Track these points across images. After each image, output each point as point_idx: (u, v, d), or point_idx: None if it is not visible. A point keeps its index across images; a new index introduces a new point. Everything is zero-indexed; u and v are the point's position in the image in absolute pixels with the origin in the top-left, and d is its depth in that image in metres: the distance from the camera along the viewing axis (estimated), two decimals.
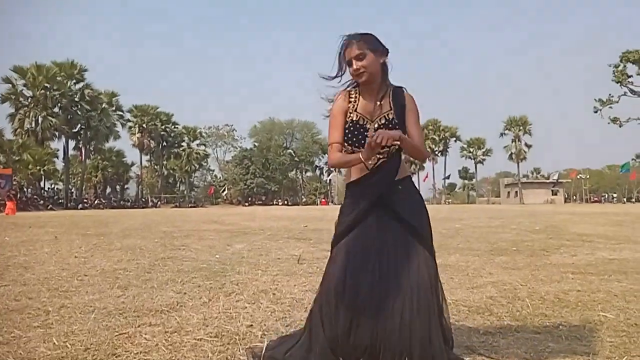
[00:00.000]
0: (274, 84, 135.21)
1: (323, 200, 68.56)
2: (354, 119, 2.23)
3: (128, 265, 5.82)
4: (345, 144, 2.24)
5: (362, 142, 2.19)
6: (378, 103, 2.24)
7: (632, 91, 36.21)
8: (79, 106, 47.91)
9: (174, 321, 3.25)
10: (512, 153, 65.85)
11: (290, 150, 70.89)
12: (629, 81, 36.02)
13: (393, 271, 2.08)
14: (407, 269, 2.08)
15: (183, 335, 2.92)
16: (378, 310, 2.03)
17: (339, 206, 2.37)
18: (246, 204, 62.05)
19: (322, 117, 2.41)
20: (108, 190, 63.96)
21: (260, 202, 64.99)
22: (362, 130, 2.20)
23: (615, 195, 72.84)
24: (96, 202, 51.23)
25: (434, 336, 2.06)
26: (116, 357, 2.57)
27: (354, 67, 2.20)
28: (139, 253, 7.06)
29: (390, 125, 2.20)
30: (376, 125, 2.21)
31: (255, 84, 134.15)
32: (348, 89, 2.32)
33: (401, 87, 2.33)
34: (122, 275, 5.12)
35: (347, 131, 2.23)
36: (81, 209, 42.96)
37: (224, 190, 67.90)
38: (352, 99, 2.27)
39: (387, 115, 2.23)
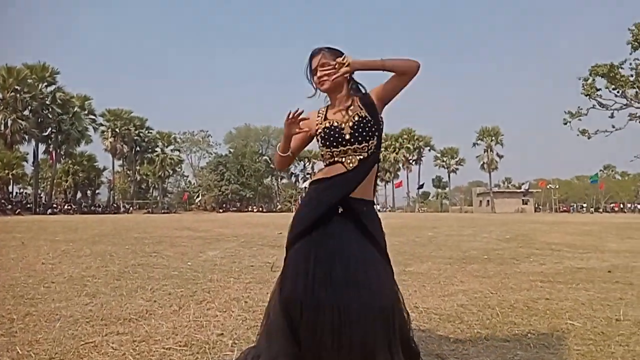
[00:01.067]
0: (249, 90, 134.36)
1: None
2: (327, 125, 2.23)
3: (97, 272, 5.71)
4: (325, 149, 2.23)
5: (340, 140, 2.19)
6: (344, 112, 2.25)
7: (600, 104, 37.13)
8: (50, 109, 46.80)
9: (142, 330, 3.19)
10: (484, 163, 66.87)
11: (266, 157, 70.55)
12: (597, 94, 36.90)
13: (354, 281, 2.01)
14: (370, 278, 2.03)
15: (151, 344, 2.87)
16: (338, 324, 1.95)
17: None
18: (220, 210, 61.48)
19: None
20: (78, 195, 62.53)
21: (235, 208, 64.48)
22: (337, 130, 2.20)
23: (584, 205, 74.44)
24: (66, 207, 50.07)
25: (393, 350, 2.01)
26: None
27: (318, 74, 2.24)
28: (108, 260, 6.93)
29: (364, 121, 2.20)
30: (350, 124, 2.20)
31: (231, 91, 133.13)
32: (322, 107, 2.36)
33: (357, 86, 2.34)
34: (90, 283, 5.01)
35: (324, 135, 2.22)
36: (50, 214, 41.87)
37: (198, 196, 67.15)
38: (321, 114, 2.31)
39: (359, 113, 2.23)
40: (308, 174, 70.40)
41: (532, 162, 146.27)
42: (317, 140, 2.31)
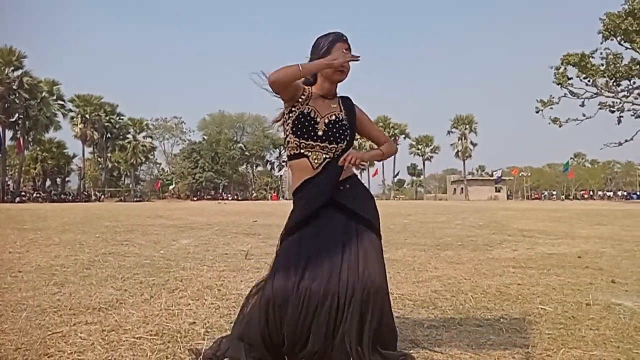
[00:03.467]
0: (225, 76, 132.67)
1: (274, 195, 68.08)
2: (305, 111, 2.19)
3: (66, 261, 5.58)
4: (292, 136, 2.19)
5: (312, 134, 2.16)
6: (331, 105, 2.25)
7: (572, 93, 37.87)
8: (17, 94, 45.46)
9: (112, 319, 3.12)
10: (458, 151, 67.70)
11: (240, 144, 69.97)
12: (569, 83, 37.62)
13: (347, 268, 2.00)
14: (361, 266, 2.02)
15: (121, 334, 2.81)
16: (329, 313, 1.95)
17: (291, 201, 2.31)
18: (195, 198, 60.95)
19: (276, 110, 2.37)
20: (48, 183, 61.21)
21: (210, 196, 63.97)
22: (312, 122, 2.17)
23: (554, 192, 76.01)
24: (35, 195, 48.95)
25: (387, 337, 2.02)
26: (48, 357, 2.45)
27: (343, 61, 2.17)
28: (78, 248, 6.79)
29: (340, 123, 2.20)
30: (326, 120, 2.19)
31: (205, 77, 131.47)
32: (310, 85, 2.29)
33: (348, 97, 2.36)
34: (59, 272, 4.90)
35: (296, 122, 2.17)
36: (18, 202, 40.92)
37: (172, 184, 66.34)
38: (305, 94, 2.24)
39: (338, 114, 2.23)
40: (283, 161, 70.19)
41: (505, 150, 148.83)
42: (286, 122, 2.24)
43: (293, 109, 2.22)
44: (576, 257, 6.35)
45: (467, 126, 67.39)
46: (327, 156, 2.19)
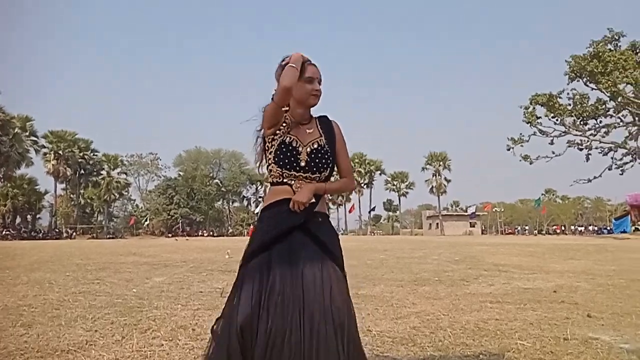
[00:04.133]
0: (199, 112, 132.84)
1: (252, 228, 67.32)
2: (286, 140, 2.14)
3: (34, 301, 5.39)
4: (275, 166, 2.15)
5: (294, 164, 2.12)
6: (308, 131, 2.21)
7: (541, 131, 38.92)
8: None
9: None
10: (432, 187, 68.52)
11: (216, 180, 69.62)
12: (538, 122, 38.67)
13: (313, 301, 1.95)
14: (326, 299, 1.97)
15: None
16: (296, 350, 1.88)
17: None
18: (169, 235, 59.93)
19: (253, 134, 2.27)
20: (18, 220, 59.65)
21: (185, 233, 63.02)
22: (294, 152, 2.13)
23: (527, 227, 77.05)
24: (4, 232, 47.62)
25: None
26: None
27: (317, 87, 2.17)
28: (47, 287, 6.57)
29: (322, 152, 2.17)
30: (308, 150, 2.15)
31: (181, 113, 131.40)
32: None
33: (325, 115, 2.32)
34: (26, 312, 4.72)
35: (278, 152, 2.13)
36: None
37: (146, 220, 65.21)
38: (287, 120, 2.18)
39: (319, 141, 2.19)
40: (260, 197, 69.90)
41: (478, 186, 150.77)
42: (268, 151, 2.19)
43: (275, 136, 2.17)
44: (552, 291, 6.39)
45: (441, 163, 68.45)
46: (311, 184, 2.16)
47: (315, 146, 2.18)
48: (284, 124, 2.18)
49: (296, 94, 2.15)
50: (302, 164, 2.14)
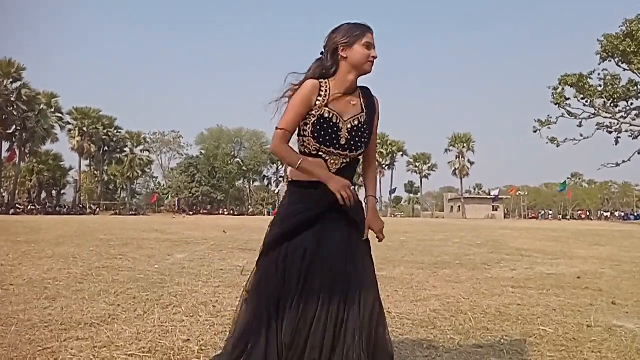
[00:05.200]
0: (223, 90, 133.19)
1: (274, 210, 67.48)
2: (325, 115, 2.03)
3: (58, 275, 5.51)
4: (313, 141, 2.04)
5: (334, 141, 2.03)
6: (352, 103, 2.10)
7: (569, 113, 38.11)
8: (15, 106, 45.49)
9: (104, 335, 3.06)
10: (455, 169, 67.83)
11: (238, 159, 69.94)
12: (567, 103, 37.87)
13: (347, 290, 1.93)
14: (358, 278, 1.98)
15: (113, 351, 2.75)
16: (325, 327, 1.88)
17: None
18: (191, 213, 60.68)
19: (273, 101, 2.15)
20: (43, 195, 60.97)
21: (206, 211, 63.74)
22: (335, 129, 2.03)
23: (551, 212, 76.06)
24: (30, 207, 48.72)
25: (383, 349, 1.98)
26: None
27: (374, 54, 2.07)
28: (71, 262, 6.71)
29: (362, 129, 2.09)
30: (349, 126, 2.05)
31: (205, 90, 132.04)
32: (319, 79, 2.09)
33: (369, 88, 2.21)
34: (51, 285, 4.83)
35: (317, 126, 2.02)
36: (13, 214, 40.61)
37: (168, 198, 66.05)
38: (323, 92, 2.05)
39: (360, 117, 2.10)
40: (281, 176, 70.16)
41: (503, 169, 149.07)
42: (304, 123, 2.06)
43: (311, 112, 2.05)
44: (575, 277, 6.30)
45: (465, 145, 67.60)
46: (345, 161, 2.09)
47: (356, 123, 2.08)
48: (320, 97, 2.05)
49: (353, 58, 2.05)
50: (342, 142, 2.05)
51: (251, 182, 74.26)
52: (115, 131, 61.93)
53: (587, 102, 37.54)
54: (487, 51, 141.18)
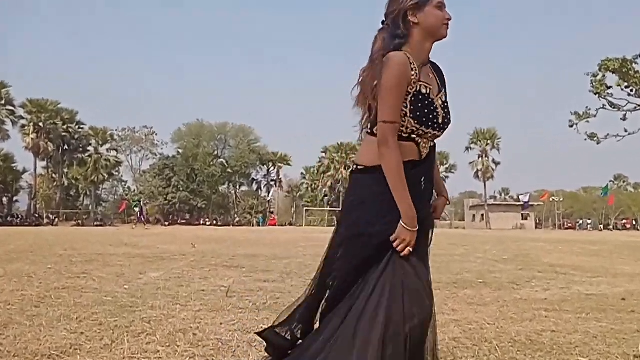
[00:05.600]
0: (204, 78, 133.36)
1: (273, 218, 67.24)
2: (423, 90, 1.98)
3: (10, 297, 5.52)
4: (413, 121, 1.97)
5: (435, 120, 1.99)
6: (430, 76, 2.08)
7: (611, 104, 38.07)
8: None
9: None
10: (478, 170, 67.74)
11: (221, 160, 69.93)
12: (608, 93, 37.85)
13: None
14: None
15: None
16: None
17: (289, 228, 2.28)
18: (166, 223, 60.71)
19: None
20: None
21: (184, 220, 63.75)
22: (432, 107, 2.00)
23: (590, 221, 76.19)
24: None
25: None
26: None
27: (448, 15, 2.03)
28: (26, 282, 6.73)
29: (448, 107, 2.09)
30: (440, 102, 2.04)
31: (182, 78, 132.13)
32: (402, 50, 2.01)
33: (435, 63, 2.18)
34: (2, 310, 4.84)
35: (417, 104, 1.97)
36: None
37: (138, 206, 66.01)
38: (412, 64, 1.98)
39: (444, 91, 2.10)
40: (272, 180, 70.24)
41: (533, 171, 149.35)
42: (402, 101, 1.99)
43: (407, 88, 1.99)
44: (620, 299, 6.32)
45: (489, 142, 67.58)
46: (432, 144, 2.09)
47: (444, 99, 2.07)
48: (413, 70, 1.99)
49: (426, 22, 2.00)
50: (440, 120, 2.02)
51: (237, 187, 74.24)
52: (77, 127, 62.01)
53: (632, 91, 37.58)
54: (514, 32, 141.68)
